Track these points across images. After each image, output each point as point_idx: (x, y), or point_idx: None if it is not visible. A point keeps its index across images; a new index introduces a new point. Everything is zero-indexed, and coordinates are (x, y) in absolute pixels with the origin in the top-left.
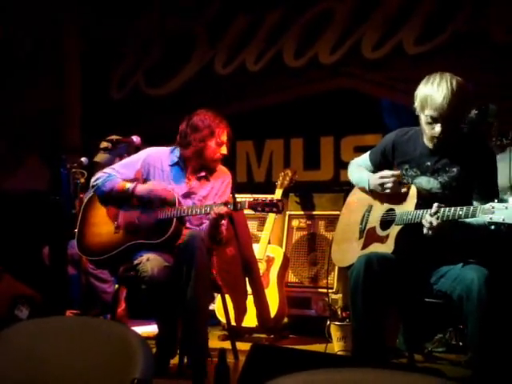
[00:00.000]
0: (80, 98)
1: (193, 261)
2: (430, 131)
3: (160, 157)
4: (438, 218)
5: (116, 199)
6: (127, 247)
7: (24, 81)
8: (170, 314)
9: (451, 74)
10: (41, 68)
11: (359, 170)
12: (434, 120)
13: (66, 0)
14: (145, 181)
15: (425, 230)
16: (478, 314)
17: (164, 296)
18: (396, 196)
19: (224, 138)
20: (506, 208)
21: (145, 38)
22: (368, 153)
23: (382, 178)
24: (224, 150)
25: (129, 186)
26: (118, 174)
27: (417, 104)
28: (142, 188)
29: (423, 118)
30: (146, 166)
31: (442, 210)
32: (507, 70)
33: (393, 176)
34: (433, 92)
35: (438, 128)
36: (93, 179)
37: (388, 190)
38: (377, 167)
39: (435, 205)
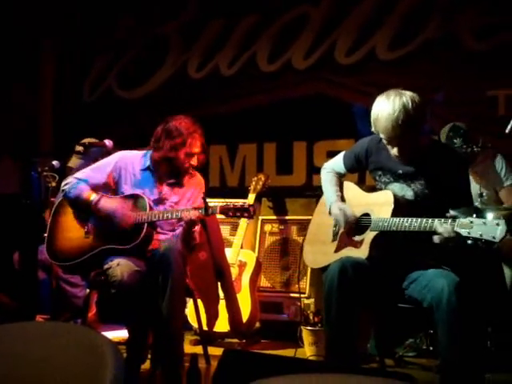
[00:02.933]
0: (52, 101)
1: (169, 273)
2: (391, 150)
3: (132, 161)
4: (453, 228)
5: (81, 208)
6: (98, 252)
7: None
8: (140, 319)
9: (395, 91)
10: (14, 72)
11: (330, 183)
12: (388, 142)
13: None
14: (116, 184)
15: (436, 239)
16: (447, 323)
17: (134, 301)
18: (372, 202)
19: (196, 149)
20: (485, 224)
21: (119, 42)
22: (342, 155)
23: (342, 211)
24: (194, 161)
25: (93, 198)
26: (88, 177)
27: (373, 129)
28: (105, 204)
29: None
30: (118, 170)
31: (420, 220)
32: (477, 75)
33: (350, 221)
34: (378, 118)
35: (394, 150)
36: (62, 183)
37: (341, 229)
38: (350, 171)
39: (449, 214)
